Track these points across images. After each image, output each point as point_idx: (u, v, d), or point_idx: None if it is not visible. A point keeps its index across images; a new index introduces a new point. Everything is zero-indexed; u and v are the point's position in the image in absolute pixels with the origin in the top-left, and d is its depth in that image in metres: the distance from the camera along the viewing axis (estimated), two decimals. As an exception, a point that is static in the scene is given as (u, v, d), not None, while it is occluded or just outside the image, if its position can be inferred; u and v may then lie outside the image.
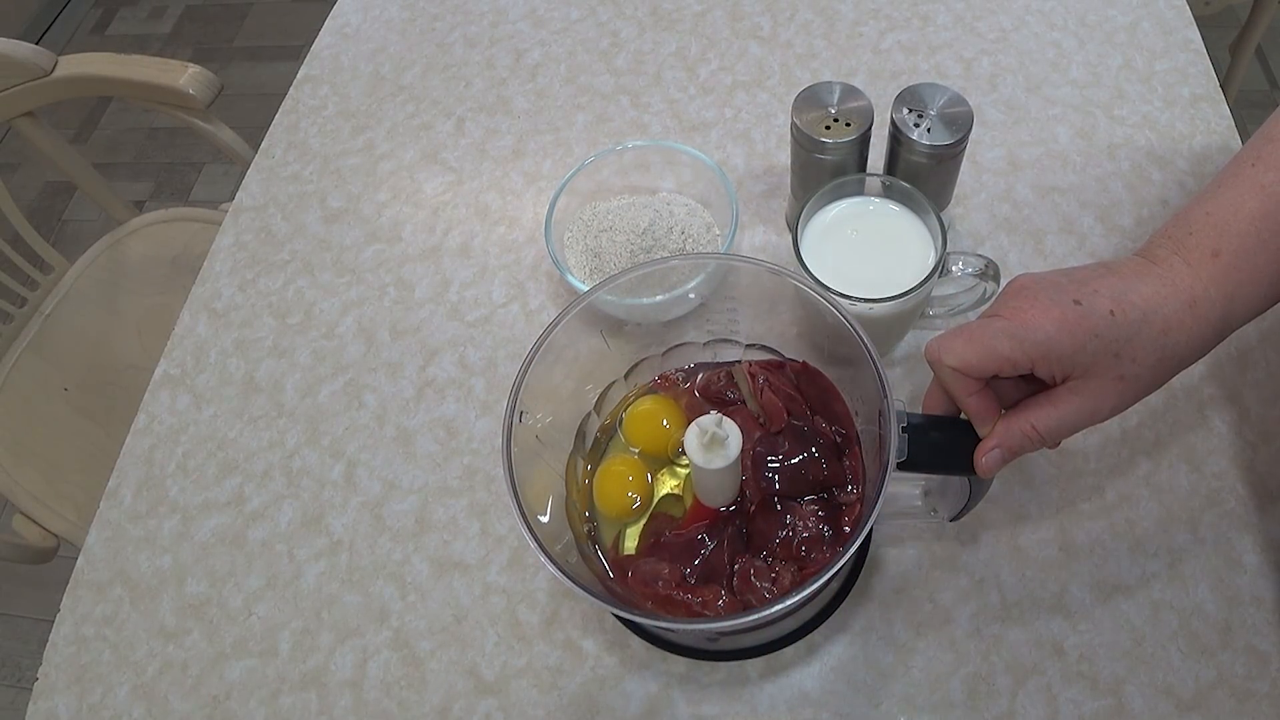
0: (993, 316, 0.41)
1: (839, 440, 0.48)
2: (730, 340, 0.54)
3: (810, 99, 0.60)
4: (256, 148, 0.83)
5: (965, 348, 0.41)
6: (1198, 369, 0.58)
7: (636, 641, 0.53)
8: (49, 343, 1.12)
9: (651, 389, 0.53)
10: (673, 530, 0.47)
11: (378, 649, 0.56)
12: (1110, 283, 0.40)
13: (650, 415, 0.51)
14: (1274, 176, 0.41)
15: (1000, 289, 0.57)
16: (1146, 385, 0.41)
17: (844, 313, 0.43)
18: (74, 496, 1.00)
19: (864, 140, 0.60)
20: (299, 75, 0.86)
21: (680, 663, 0.53)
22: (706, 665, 0.53)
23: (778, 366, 0.51)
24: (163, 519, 0.63)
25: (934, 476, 0.51)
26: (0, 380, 1.09)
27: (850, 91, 0.60)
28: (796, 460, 0.46)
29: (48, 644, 0.59)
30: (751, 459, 0.46)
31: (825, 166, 0.60)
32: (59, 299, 1.15)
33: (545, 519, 0.45)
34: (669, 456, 0.50)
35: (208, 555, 0.61)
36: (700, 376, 0.52)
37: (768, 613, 0.39)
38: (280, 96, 0.85)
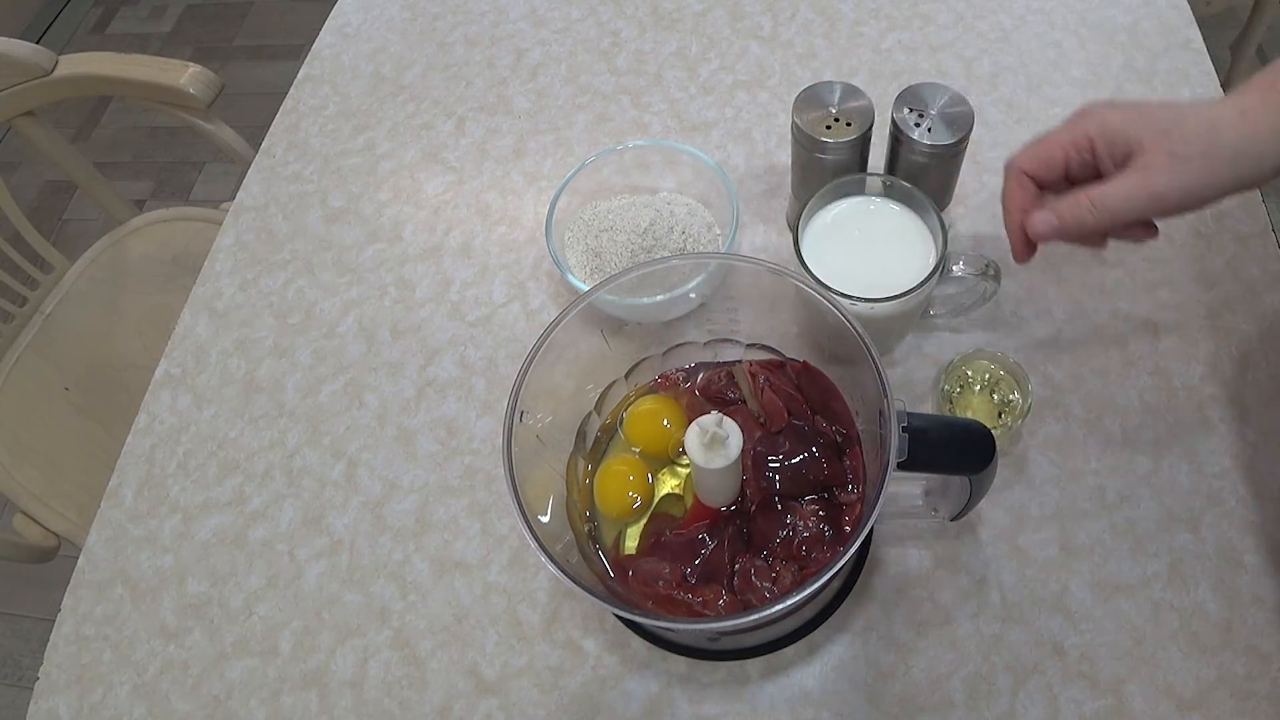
0: (1064, 124, 0.46)
1: (839, 440, 0.48)
2: (731, 340, 0.54)
3: (811, 99, 0.60)
4: (257, 147, 0.83)
5: (1031, 146, 0.46)
6: (1198, 369, 0.58)
7: (637, 641, 0.54)
8: (50, 342, 1.12)
9: (652, 389, 0.53)
10: (673, 530, 0.47)
11: (378, 649, 0.56)
12: (1171, 100, 0.45)
13: (651, 415, 0.51)
14: None
15: (999, 288, 0.57)
16: (1197, 171, 0.43)
17: (844, 312, 0.43)
18: (75, 496, 1.00)
19: (865, 140, 0.60)
20: (300, 75, 0.87)
21: (681, 662, 0.53)
22: (707, 665, 0.53)
23: (778, 366, 0.51)
24: (164, 519, 0.63)
25: (934, 476, 0.51)
26: (0, 380, 1.09)
27: (851, 91, 0.60)
28: (797, 460, 0.46)
29: (49, 643, 0.59)
30: (752, 459, 0.46)
31: (826, 166, 0.60)
32: (59, 298, 1.15)
33: (546, 519, 0.45)
34: (669, 456, 0.50)
35: (208, 555, 0.61)
36: (701, 376, 0.52)
37: (768, 612, 0.39)
38: (281, 96, 0.85)
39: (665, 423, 0.50)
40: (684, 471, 0.49)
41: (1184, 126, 0.42)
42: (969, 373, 0.57)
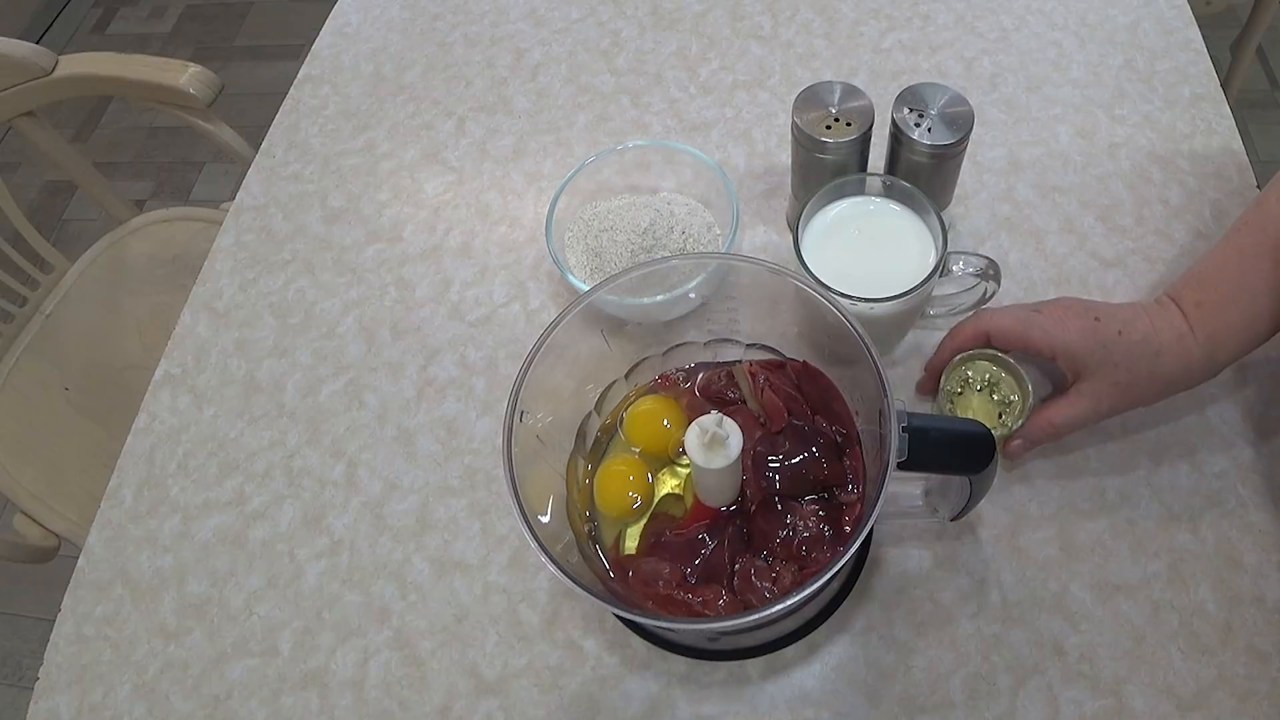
0: (1035, 311, 0.53)
1: (839, 440, 0.48)
2: (731, 340, 0.54)
3: (811, 98, 0.60)
4: (257, 147, 0.83)
5: (1009, 323, 0.53)
6: (1198, 369, 0.58)
7: (637, 641, 0.54)
8: (50, 342, 1.12)
9: (652, 389, 0.53)
10: (673, 530, 0.47)
11: (379, 649, 0.56)
12: (1124, 314, 0.52)
13: (651, 415, 0.51)
14: (1250, 240, 0.51)
15: (999, 288, 0.57)
16: (1140, 394, 0.52)
17: (844, 312, 0.43)
18: (75, 496, 1.00)
19: (865, 140, 0.60)
20: (300, 75, 0.87)
21: (681, 662, 0.53)
22: (707, 665, 0.53)
23: (778, 366, 0.51)
24: (164, 519, 0.63)
25: (934, 476, 0.51)
26: (1, 380, 1.09)
27: (851, 91, 0.60)
28: (797, 460, 0.46)
29: (49, 643, 0.59)
30: (752, 459, 0.46)
31: (826, 166, 0.60)
32: (60, 298, 1.15)
33: (546, 519, 0.45)
34: (669, 456, 0.50)
35: (208, 555, 0.61)
36: (701, 376, 0.52)
37: (768, 612, 0.39)
38: (281, 96, 0.85)
39: (665, 423, 0.50)
40: (684, 471, 0.49)
41: (1132, 359, 0.50)
42: (969, 373, 0.57)
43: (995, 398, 0.57)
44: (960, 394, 0.57)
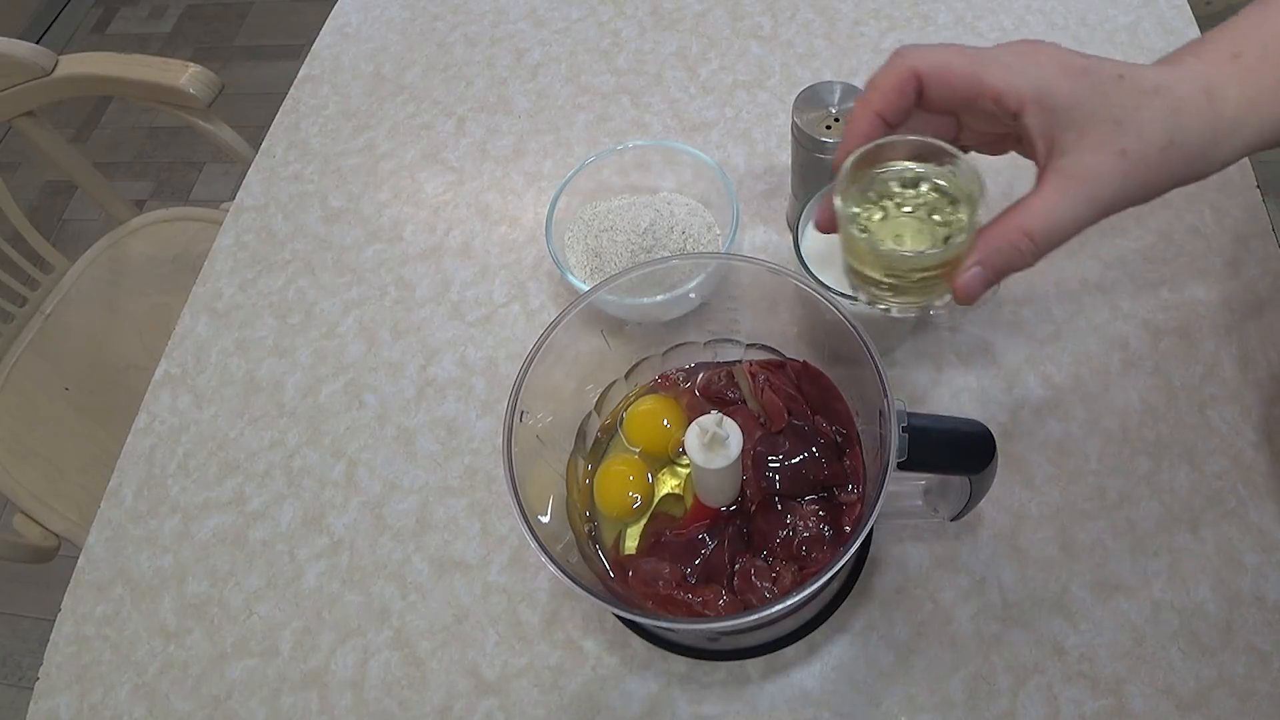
0: (985, 48, 0.35)
1: (839, 440, 0.48)
2: (731, 340, 0.54)
3: (811, 98, 0.60)
4: (257, 147, 0.83)
5: (949, 55, 0.35)
6: (1198, 369, 0.58)
7: (637, 641, 0.54)
8: (50, 342, 1.12)
9: (652, 389, 0.53)
10: (673, 530, 0.47)
11: (378, 649, 0.56)
12: (1123, 62, 0.35)
13: (651, 415, 0.51)
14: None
15: (999, 288, 0.57)
16: (1150, 176, 0.35)
17: (844, 312, 0.43)
18: (75, 496, 1.00)
19: (864, 140, 0.59)
20: (299, 75, 0.87)
21: (681, 662, 0.53)
22: (707, 665, 0.53)
23: (778, 366, 0.51)
24: (164, 519, 0.63)
25: (934, 476, 0.51)
26: (1, 380, 1.09)
27: (851, 91, 0.60)
28: (797, 460, 0.46)
29: (49, 643, 0.59)
30: (752, 459, 0.46)
31: (826, 166, 0.60)
32: (60, 298, 1.15)
33: (546, 519, 0.45)
34: (669, 456, 0.50)
35: (208, 555, 0.61)
36: (700, 376, 0.52)
37: (768, 612, 0.39)
38: (281, 96, 0.85)
39: (665, 423, 0.50)
40: (684, 471, 0.49)
41: (1142, 115, 0.33)
42: (895, 187, 0.38)
43: (937, 218, 0.37)
44: (882, 218, 0.37)
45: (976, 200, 0.35)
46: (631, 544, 0.48)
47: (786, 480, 0.46)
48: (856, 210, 0.37)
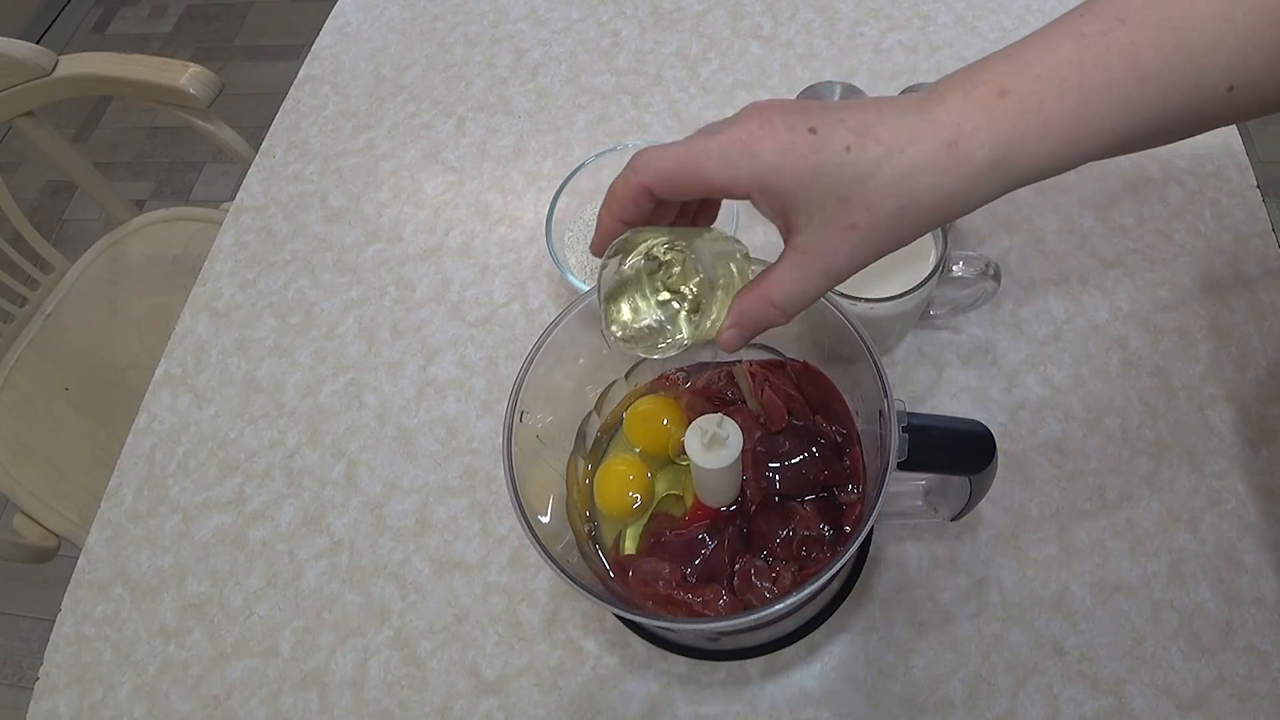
0: (713, 134, 0.35)
1: (839, 440, 0.48)
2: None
3: (811, 98, 0.60)
4: (257, 147, 0.83)
5: (671, 164, 0.35)
6: (1198, 369, 0.58)
7: (637, 641, 0.54)
8: (50, 342, 1.12)
9: (652, 389, 0.53)
10: (673, 530, 0.47)
11: (378, 648, 0.56)
12: (862, 116, 0.34)
13: (651, 415, 0.51)
14: (1100, 28, 0.34)
15: (999, 288, 0.57)
16: (884, 238, 0.35)
17: (844, 312, 0.43)
18: (75, 496, 1.00)
19: (864, 140, 0.59)
20: (299, 75, 0.87)
21: (681, 662, 0.53)
22: (707, 665, 0.53)
23: (778, 366, 0.51)
24: (163, 519, 0.63)
25: (934, 476, 0.51)
26: (1, 380, 1.09)
27: (851, 91, 0.60)
28: (797, 460, 0.46)
29: (49, 643, 0.59)
30: (752, 459, 0.46)
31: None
32: (60, 298, 1.15)
33: (546, 519, 0.45)
34: (669, 457, 0.50)
35: (208, 555, 0.61)
36: (701, 376, 0.52)
37: (768, 612, 0.39)
38: (281, 96, 0.85)
39: (665, 422, 0.50)
40: (684, 471, 0.49)
41: (869, 187, 0.33)
42: (626, 261, 0.39)
43: (676, 294, 0.39)
44: (619, 291, 0.39)
45: (716, 278, 0.38)
46: (631, 544, 0.48)
47: (786, 480, 0.46)
48: (604, 293, 0.39)
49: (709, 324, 0.38)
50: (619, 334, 0.39)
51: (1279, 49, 0.33)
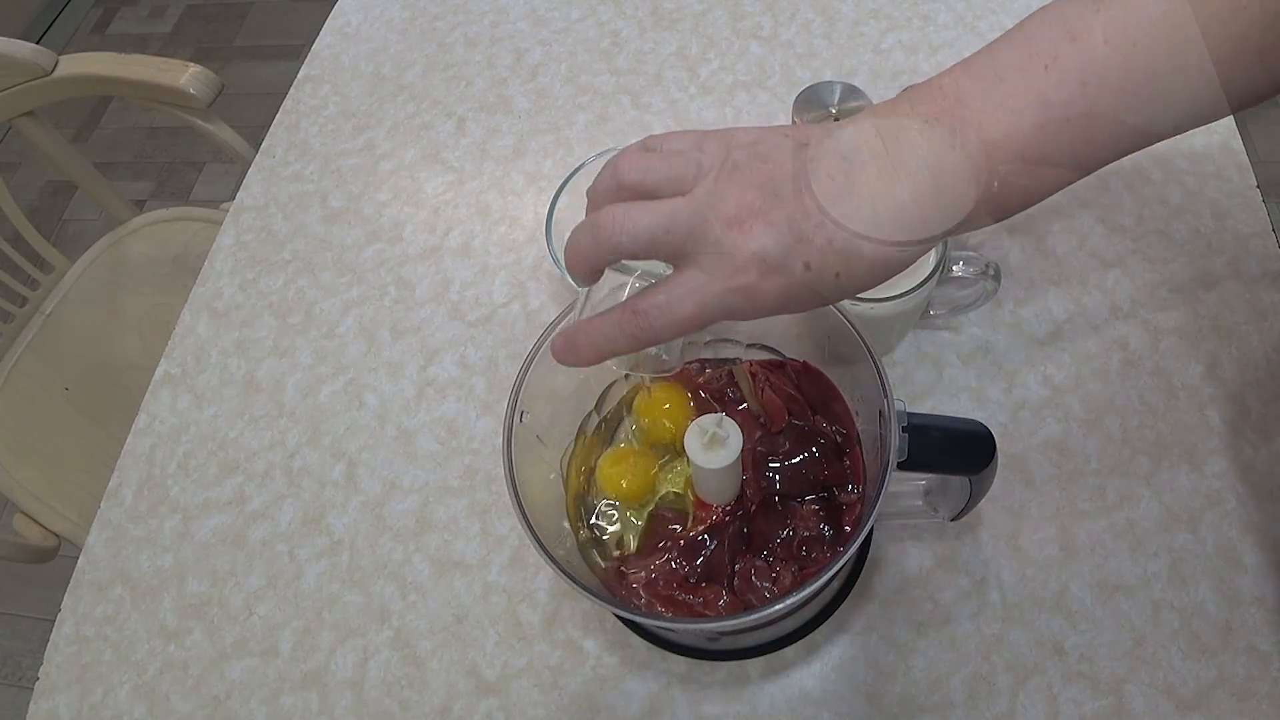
0: (713, 269, 0.34)
1: (839, 440, 0.48)
2: (730, 339, 0.54)
3: (811, 98, 0.60)
4: (257, 147, 0.83)
5: (687, 319, 0.35)
6: (1198, 369, 0.58)
7: (637, 641, 0.54)
8: (49, 342, 1.12)
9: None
10: (673, 530, 0.47)
11: (378, 649, 0.56)
12: (848, 242, 0.34)
13: (660, 402, 0.51)
14: (1064, 95, 0.35)
15: (999, 287, 0.57)
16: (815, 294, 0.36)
17: (844, 312, 0.43)
18: (75, 496, 1.00)
19: (864, 140, 0.59)
20: (299, 75, 0.87)
21: (681, 662, 0.53)
22: (707, 665, 0.53)
23: (778, 366, 0.51)
24: (163, 519, 0.63)
25: (934, 476, 0.51)
26: (0, 380, 1.09)
27: (851, 91, 0.60)
28: (797, 460, 0.46)
29: (49, 643, 0.59)
30: (752, 458, 0.46)
31: (826, 166, 0.60)
32: (59, 298, 1.15)
33: (546, 519, 0.45)
34: (677, 447, 0.50)
35: (208, 555, 0.61)
36: (700, 376, 0.52)
37: (768, 612, 0.39)
38: (281, 96, 0.85)
39: (668, 407, 0.50)
40: (684, 471, 0.49)
41: (842, 294, 0.33)
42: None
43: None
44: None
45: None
46: (632, 544, 0.48)
47: (786, 480, 0.46)
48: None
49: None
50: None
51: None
